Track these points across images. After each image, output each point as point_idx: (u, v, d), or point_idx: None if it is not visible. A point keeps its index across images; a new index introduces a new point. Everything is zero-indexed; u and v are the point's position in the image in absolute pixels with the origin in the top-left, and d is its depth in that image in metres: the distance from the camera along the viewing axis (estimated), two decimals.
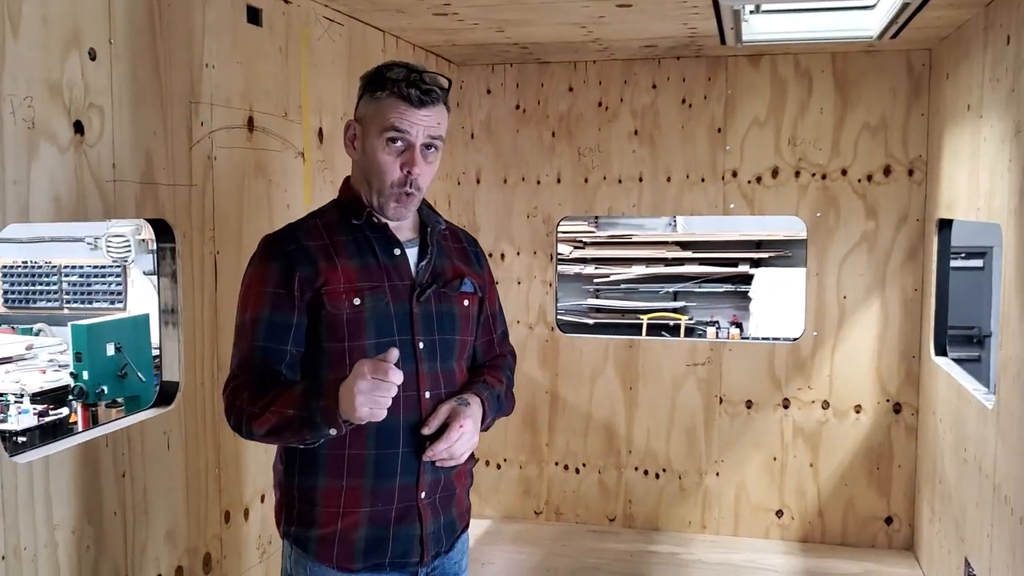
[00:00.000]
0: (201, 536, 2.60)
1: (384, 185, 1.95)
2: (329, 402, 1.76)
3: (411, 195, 1.96)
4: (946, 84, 4.00)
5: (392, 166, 1.93)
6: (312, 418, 1.78)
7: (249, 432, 1.88)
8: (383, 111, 1.92)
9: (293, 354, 1.93)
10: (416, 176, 1.93)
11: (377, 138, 1.94)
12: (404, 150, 1.92)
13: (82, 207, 2.11)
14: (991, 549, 3.08)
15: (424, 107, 1.92)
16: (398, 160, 1.93)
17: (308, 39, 3.15)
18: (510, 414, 2.23)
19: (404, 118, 1.91)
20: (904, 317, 4.42)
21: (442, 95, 1.96)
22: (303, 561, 1.95)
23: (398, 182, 1.93)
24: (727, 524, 4.70)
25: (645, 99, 4.63)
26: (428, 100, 1.92)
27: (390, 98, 1.91)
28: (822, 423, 4.56)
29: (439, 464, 1.95)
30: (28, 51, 1.95)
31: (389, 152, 1.93)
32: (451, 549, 2.08)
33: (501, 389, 2.12)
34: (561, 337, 4.87)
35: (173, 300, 2.50)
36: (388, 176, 1.94)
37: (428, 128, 1.93)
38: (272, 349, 1.90)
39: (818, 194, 4.48)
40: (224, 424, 2.61)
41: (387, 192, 1.95)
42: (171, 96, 2.43)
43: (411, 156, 1.92)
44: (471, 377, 2.10)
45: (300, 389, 1.83)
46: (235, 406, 1.89)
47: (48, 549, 2.03)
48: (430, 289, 2.00)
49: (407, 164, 1.93)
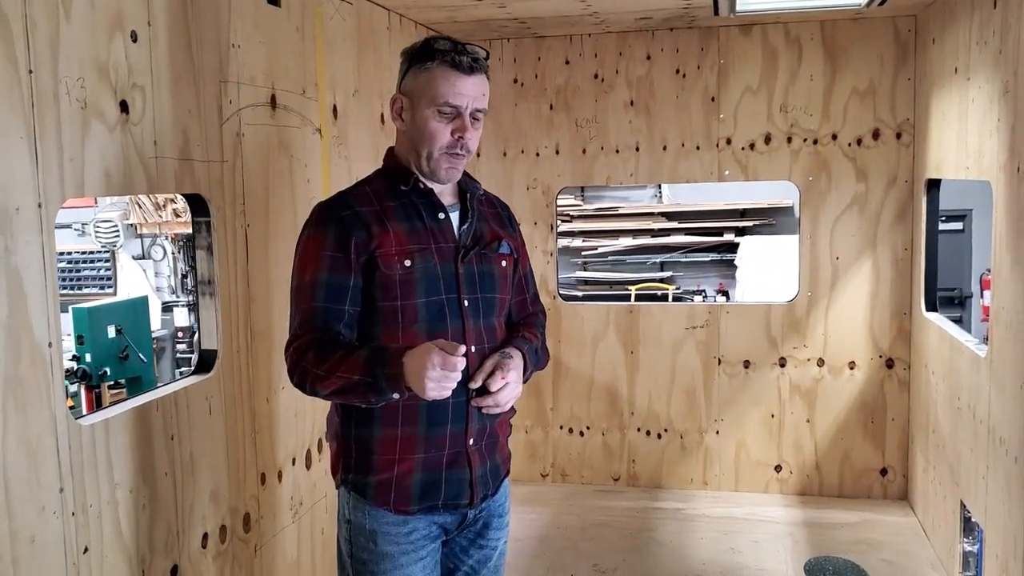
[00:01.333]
0: (241, 497, 2.72)
1: (434, 148, 2.06)
2: (395, 370, 1.88)
3: (461, 156, 2.08)
4: (932, 49, 4.14)
5: (443, 131, 2.05)
6: (378, 384, 1.90)
7: (314, 391, 1.99)
8: (434, 82, 2.03)
9: (351, 314, 2.04)
10: (467, 140, 2.05)
11: (428, 108, 2.05)
12: (455, 117, 2.04)
13: (129, 182, 2.21)
14: (986, 490, 3.25)
15: (473, 74, 2.04)
16: (449, 126, 2.05)
17: (322, 18, 3.24)
18: (544, 367, 2.36)
19: (455, 88, 2.02)
20: (895, 275, 4.58)
21: (485, 64, 2.09)
22: (362, 506, 2.08)
23: (448, 145, 2.05)
24: (728, 480, 4.86)
25: (640, 70, 4.75)
26: (477, 67, 2.05)
27: (440, 67, 2.03)
28: (817, 380, 4.72)
29: (485, 411, 2.08)
30: (79, 34, 2.04)
31: (441, 120, 2.05)
32: (496, 492, 2.22)
33: (537, 344, 2.25)
34: (563, 305, 5.00)
35: (210, 272, 2.60)
36: (439, 140, 2.06)
37: (475, 98, 2.05)
38: (332, 309, 2.01)
39: (810, 159, 4.62)
40: (257, 388, 2.75)
41: (437, 155, 2.07)
42: (203, 75, 2.52)
43: (462, 123, 2.05)
44: (510, 333, 2.22)
45: (364, 356, 1.93)
46: (299, 366, 1.99)
47: (110, 507, 2.14)
48: (472, 251, 2.13)
49: (458, 130, 2.05)
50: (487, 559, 2.22)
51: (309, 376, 1.97)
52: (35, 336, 1.91)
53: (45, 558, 1.93)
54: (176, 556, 2.40)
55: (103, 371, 5.84)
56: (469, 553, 2.20)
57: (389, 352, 1.92)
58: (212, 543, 2.57)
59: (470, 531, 2.20)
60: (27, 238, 1.89)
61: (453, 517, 2.14)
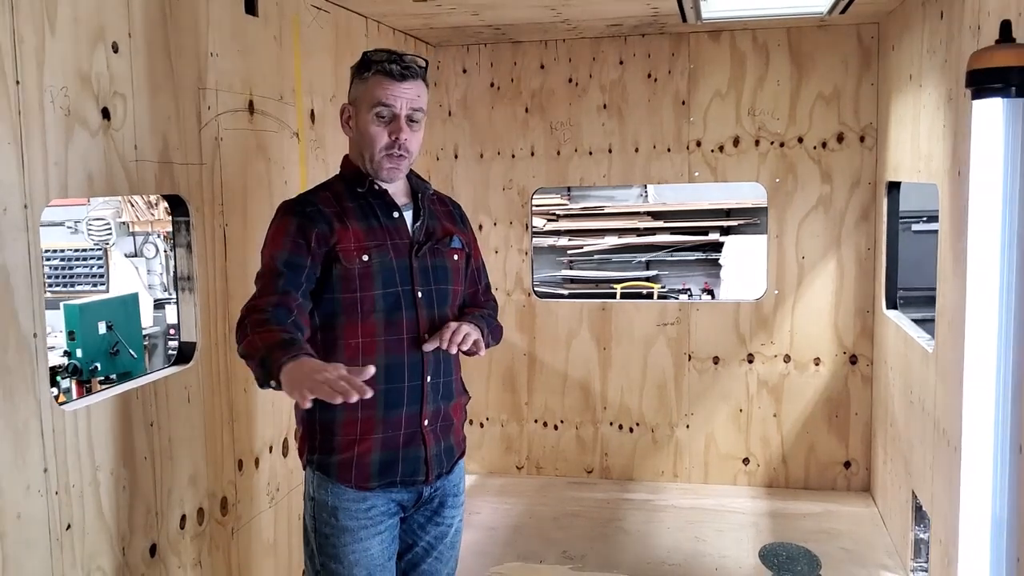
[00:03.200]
0: (219, 481, 2.87)
1: (375, 151, 2.25)
2: (286, 362, 1.93)
3: (402, 157, 2.26)
4: (892, 55, 4.30)
5: (381, 134, 2.24)
6: (267, 361, 1.98)
7: (238, 344, 2.11)
8: (370, 89, 2.24)
9: (305, 287, 2.19)
10: (404, 140, 2.23)
11: (367, 113, 2.25)
12: (391, 120, 2.23)
13: (111, 184, 2.36)
14: (932, 479, 3.42)
15: (405, 80, 2.22)
16: (386, 129, 2.24)
17: (299, 26, 3.39)
18: (499, 340, 2.53)
19: (388, 92, 2.22)
20: (859, 274, 4.74)
21: (420, 71, 2.27)
22: (325, 484, 2.25)
23: (387, 146, 2.24)
24: (697, 473, 5.02)
25: (613, 74, 4.90)
26: (408, 74, 2.23)
27: (376, 76, 2.23)
28: (784, 376, 4.89)
29: (444, 349, 2.21)
30: (63, 47, 2.19)
31: (378, 124, 2.24)
32: (451, 472, 2.39)
33: (483, 313, 2.44)
34: (537, 302, 5.15)
35: (189, 268, 2.75)
36: (379, 142, 2.24)
37: (410, 100, 2.24)
38: (290, 277, 2.16)
39: (777, 161, 4.78)
40: (235, 379, 2.91)
41: (378, 157, 2.26)
42: (182, 83, 2.67)
43: (397, 124, 2.24)
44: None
45: (286, 337, 2.04)
46: (244, 321, 2.12)
47: (92, 487, 2.29)
48: (425, 246, 2.31)
49: (394, 132, 2.24)
50: (443, 535, 2.40)
51: (243, 329, 2.09)
52: (21, 328, 2.06)
53: (31, 533, 2.08)
54: (155, 536, 2.55)
55: (94, 366, 5.96)
56: (426, 529, 2.38)
57: (301, 350, 1.99)
58: (190, 524, 2.72)
59: (427, 509, 2.37)
60: (13, 236, 2.04)
61: (410, 494, 2.30)
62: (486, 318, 2.41)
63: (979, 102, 1.98)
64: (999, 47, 2.03)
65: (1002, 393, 2.13)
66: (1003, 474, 2.18)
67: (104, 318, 6.12)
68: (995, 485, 2.19)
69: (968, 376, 2.26)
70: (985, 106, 1.95)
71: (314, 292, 2.22)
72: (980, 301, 2.10)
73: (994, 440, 2.17)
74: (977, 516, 2.23)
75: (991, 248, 1.93)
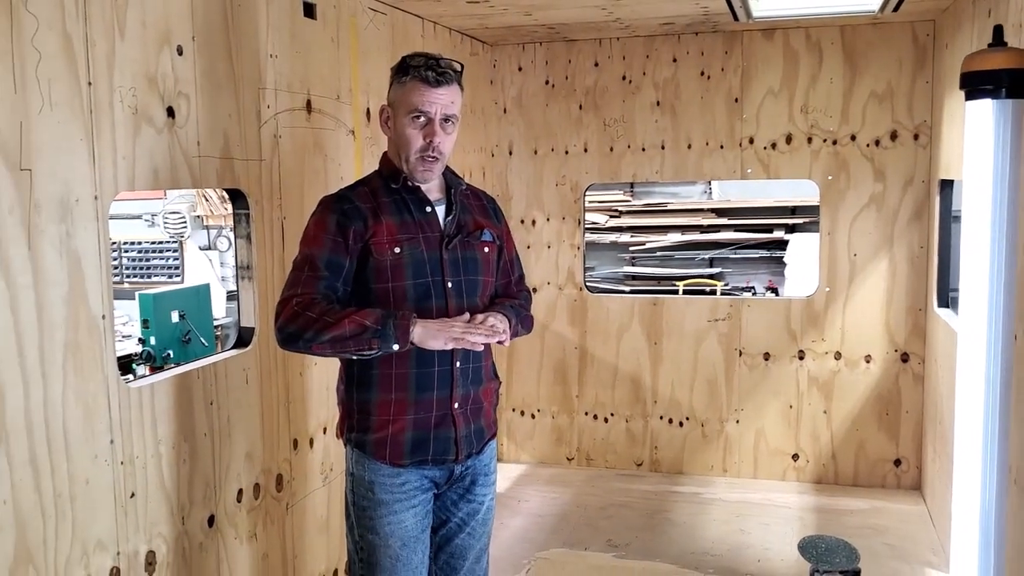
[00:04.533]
0: (274, 459, 3.05)
1: (410, 153, 2.38)
2: (403, 323, 2.23)
3: (435, 159, 2.38)
4: (946, 53, 4.30)
5: (416, 137, 2.37)
6: (386, 332, 2.22)
7: (311, 339, 2.24)
8: (407, 94, 2.36)
9: (344, 291, 2.36)
10: (437, 144, 2.35)
11: (404, 116, 2.37)
12: (426, 124, 2.35)
13: (175, 178, 2.54)
14: None
15: (440, 86, 2.34)
16: (421, 132, 2.36)
17: (356, 28, 3.55)
18: (530, 330, 2.63)
19: (424, 98, 2.33)
20: (911, 272, 4.74)
21: (455, 76, 2.38)
22: (363, 460, 2.39)
23: (421, 148, 2.36)
24: (746, 467, 5.07)
25: (666, 72, 4.97)
26: (443, 80, 2.34)
27: (412, 81, 2.35)
28: (835, 372, 4.90)
29: (471, 346, 2.31)
30: (131, 50, 2.37)
31: (414, 127, 2.36)
32: (481, 452, 2.51)
33: (514, 303, 2.54)
34: (589, 296, 5.25)
35: (248, 258, 2.93)
36: (414, 145, 2.37)
37: (444, 106, 2.35)
38: (331, 282, 2.32)
39: (829, 159, 4.80)
40: (291, 363, 3.07)
41: (413, 159, 2.38)
42: (242, 83, 2.84)
43: (431, 128, 2.36)
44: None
45: (377, 311, 2.26)
46: (302, 315, 2.25)
47: (154, 460, 2.47)
48: (456, 239, 2.44)
49: (428, 135, 2.36)
50: (475, 512, 2.52)
51: (316, 323, 2.23)
52: (91, 309, 2.24)
53: (98, 498, 2.27)
54: (213, 507, 2.72)
55: (167, 353, 6.22)
56: (459, 506, 2.51)
57: (402, 311, 2.27)
58: (246, 499, 2.89)
59: (459, 487, 2.50)
60: (85, 225, 2.22)
61: (441, 472, 2.43)
62: (515, 308, 2.51)
63: (971, 103, 2.03)
64: (991, 50, 2.08)
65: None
66: None
67: (177, 307, 6.38)
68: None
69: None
70: (977, 107, 2.00)
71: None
72: (971, 294, 2.14)
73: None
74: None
75: (982, 241, 1.98)
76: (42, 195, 2.10)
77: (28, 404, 2.06)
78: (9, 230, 2.02)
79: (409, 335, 2.23)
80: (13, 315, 2.02)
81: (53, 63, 2.12)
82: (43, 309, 2.10)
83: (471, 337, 2.27)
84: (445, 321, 2.29)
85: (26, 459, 2.05)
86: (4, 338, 2.00)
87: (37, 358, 2.09)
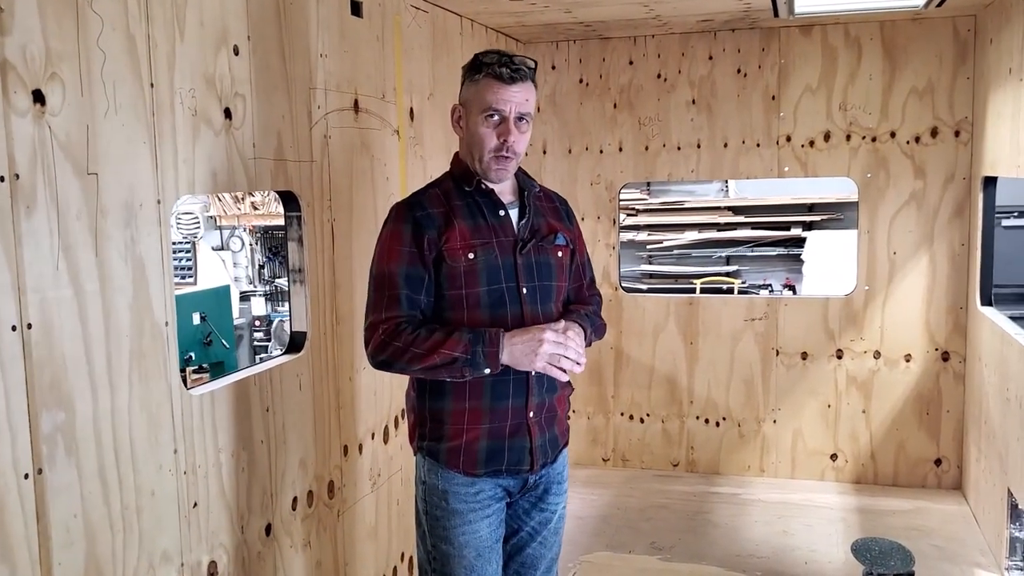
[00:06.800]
0: (326, 466, 3.00)
1: (484, 152, 2.31)
2: (492, 349, 2.19)
3: (508, 158, 2.32)
4: (990, 49, 4.23)
5: (490, 136, 2.30)
6: (475, 360, 2.18)
7: (405, 367, 2.24)
8: (481, 92, 2.30)
9: (427, 303, 2.30)
10: (512, 142, 2.29)
11: (477, 115, 2.31)
12: (500, 123, 2.29)
13: (232, 181, 2.49)
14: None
15: (515, 83, 2.28)
16: (495, 131, 2.30)
17: (400, 27, 3.49)
18: (603, 336, 2.59)
19: (498, 96, 2.27)
20: (951, 271, 4.68)
21: (529, 73, 2.32)
22: (436, 469, 2.34)
23: (495, 148, 2.30)
24: (784, 468, 5.02)
25: (702, 70, 4.92)
26: (518, 77, 2.28)
27: (486, 79, 2.29)
28: (874, 372, 4.85)
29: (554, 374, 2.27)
30: (191, 50, 2.32)
31: (487, 126, 2.30)
32: (555, 460, 2.45)
33: (588, 310, 2.49)
34: (624, 296, 5.20)
35: (300, 261, 2.88)
36: (487, 144, 2.30)
37: (518, 104, 2.29)
38: (413, 298, 2.27)
39: (868, 156, 4.74)
40: (341, 368, 3.02)
41: (487, 158, 2.32)
42: (295, 83, 2.79)
43: (506, 127, 2.29)
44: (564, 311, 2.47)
45: (467, 337, 2.21)
46: (391, 345, 2.23)
47: (215, 468, 2.42)
48: (530, 243, 2.37)
49: (502, 134, 2.29)
50: (547, 521, 2.46)
51: (406, 354, 2.21)
52: (155, 316, 2.19)
53: (162, 509, 2.21)
54: (270, 516, 2.67)
55: (188, 355, 6.18)
56: (531, 515, 2.45)
57: (488, 333, 2.21)
58: (301, 506, 2.84)
59: (532, 495, 2.44)
60: (148, 231, 2.17)
61: (515, 481, 2.38)
62: (590, 316, 2.46)
63: None
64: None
65: None
66: None
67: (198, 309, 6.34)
68: None
69: None
70: None
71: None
72: None
73: None
74: None
75: None
76: (108, 200, 2.04)
77: (96, 414, 2.01)
78: (77, 236, 1.96)
79: (499, 361, 2.20)
80: (82, 323, 1.97)
81: (117, 64, 2.07)
82: (110, 316, 2.05)
83: (552, 372, 2.24)
84: (531, 335, 2.22)
85: (95, 470, 2.00)
86: (73, 346, 1.95)
87: (104, 367, 2.04)
